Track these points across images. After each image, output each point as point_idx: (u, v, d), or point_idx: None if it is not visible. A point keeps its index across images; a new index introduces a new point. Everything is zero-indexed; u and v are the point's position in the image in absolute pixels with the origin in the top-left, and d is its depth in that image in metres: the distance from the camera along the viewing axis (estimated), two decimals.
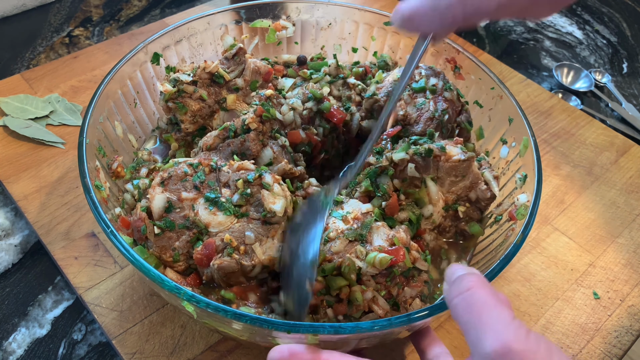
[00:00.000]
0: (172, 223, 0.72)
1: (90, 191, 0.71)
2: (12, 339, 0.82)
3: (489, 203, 0.86)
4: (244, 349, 0.80)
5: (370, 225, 0.73)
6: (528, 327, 0.50)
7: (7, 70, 1.22)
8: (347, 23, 1.10)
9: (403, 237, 0.72)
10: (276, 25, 1.04)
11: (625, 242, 0.99)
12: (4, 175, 0.98)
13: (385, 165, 0.81)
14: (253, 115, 0.82)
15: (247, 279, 0.72)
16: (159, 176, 0.75)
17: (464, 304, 0.52)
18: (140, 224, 0.72)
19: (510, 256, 0.71)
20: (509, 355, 0.47)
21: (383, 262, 0.68)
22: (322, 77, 0.99)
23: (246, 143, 0.81)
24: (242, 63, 0.94)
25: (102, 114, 0.84)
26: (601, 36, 1.53)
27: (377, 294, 0.69)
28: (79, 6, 1.41)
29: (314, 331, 0.60)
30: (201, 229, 0.72)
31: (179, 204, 0.73)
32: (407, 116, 0.90)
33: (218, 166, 0.76)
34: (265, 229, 0.72)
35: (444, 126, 0.90)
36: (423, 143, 0.83)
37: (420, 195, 0.81)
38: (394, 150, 0.84)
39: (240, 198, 0.73)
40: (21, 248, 0.92)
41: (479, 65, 0.97)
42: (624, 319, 0.89)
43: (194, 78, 0.91)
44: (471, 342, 0.51)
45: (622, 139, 1.17)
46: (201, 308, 0.61)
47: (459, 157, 0.81)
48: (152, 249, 0.73)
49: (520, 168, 0.87)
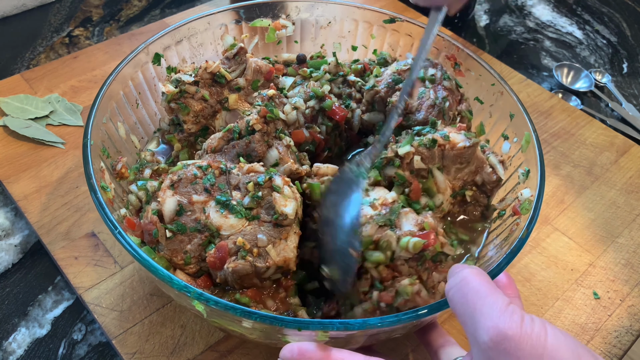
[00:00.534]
0: (183, 226, 0.72)
1: (97, 192, 0.71)
2: (12, 339, 0.82)
3: (495, 186, 0.87)
4: (244, 349, 0.80)
5: (399, 211, 0.73)
6: (523, 311, 0.50)
7: (7, 70, 1.22)
8: (346, 21, 1.10)
9: (432, 221, 0.73)
10: (276, 25, 1.04)
11: (625, 242, 0.99)
12: (4, 175, 0.98)
13: (390, 157, 0.81)
14: (257, 117, 0.82)
15: (261, 280, 0.72)
16: (169, 179, 0.75)
17: (459, 294, 0.53)
18: (151, 227, 0.72)
19: (516, 250, 0.71)
20: (504, 342, 0.47)
21: (417, 246, 0.68)
22: (322, 75, 0.99)
23: (252, 144, 0.81)
24: (243, 62, 0.94)
25: (104, 115, 0.84)
26: (601, 36, 1.53)
27: (422, 287, 0.69)
28: (79, 6, 1.41)
29: (323, 328, 0.60)
30: (213, 232, 0.72)
31: (190, 207, 0.73)
32: (409, 105, 0.90)
33: (228, 169, 0.76)
34: (277, 231, 0.72)
35: (445, 113, 0.90)
36: (426, 133, 0.83)
37: (429, 185, 0.81)
38: (398, 142, 0.84)
39: (252, 201, 0.73)
40: (21, 248, 0.92)
41: (479, 62, 0.97)
42: (624, 319, 0.89)
43: (195, 78, 0.91)
44: (469, 332, 0.51)
45: (622, 139, 1.17)
46: (211, 307, 0.61)
47: (464, 143, 0.81)
48: (163, 252, 0.73)
49: (522, 163, 0.87)
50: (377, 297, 0.68)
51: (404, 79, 0.92)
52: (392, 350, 0.82)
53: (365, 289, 0.69)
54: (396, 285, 0.68)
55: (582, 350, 0.48)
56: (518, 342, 0.47)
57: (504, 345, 0.47)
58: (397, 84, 0.92)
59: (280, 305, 0.72)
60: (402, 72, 0.93)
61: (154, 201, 0.75)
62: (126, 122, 0.91)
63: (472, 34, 1.48)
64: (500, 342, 0.47)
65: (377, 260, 0.68)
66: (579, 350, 0.48)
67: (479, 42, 1.45)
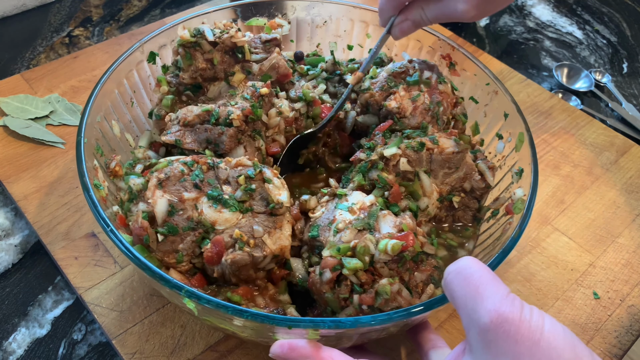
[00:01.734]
0: (175, 228, 0.72)
1: (90, 190, 0.71)
2: (12, 339, 0.82)
3: (485, 192, 0.87)
4: (244, 349, 0.80)
5: (377, 214, 0.74)
6: (523, 301, 0.51)
7: (7, 70, 1.22)
8: (342, 21, 1.10)
9: (410, 222, 0.73)
10: (272, 24, 1.04)
11: (625, 242, 0.99)
12: (4, 175, 0.98)
13: (375, 160, 0.82)
14: (240, 113, 0.82)
15: (256, 270, 0.73)
16: (155, 177, 0.75)
17: (460, 278, 0.54)
18: (142, 232, 0.71)
19: (508, 249, 0.71)
20: (504, 324, 0.49)
21: (395, 248, 0.68)
22: (319, 74, 0.99)
23: (223, 137, 0.82)
24: (269, 52, 0.93)
25: (99, 113, 0.85)
26: (601, 36, 1.53)
27: (402, 286, 0.69)
28: (79, 6, 1.41)
29: (314, 326, 0.60)
30: (207, 227, 0.72)
31: (181, 205, 0.73)
32: (402, 109, 0.90)
33: (215, 163, 0.76)
34: (272, 221, 0.74)
35: (439, 118, 0.90)
36: (416, 136, 0.83)
37: (415, 188, 0.82)
38: (386, 145, 0.84)
39: (244, 194, 0.74)
40: (21, 248, 0.92)
41: (474, 62, 0.97)
42: (624, 319, 0.89)
43: (216, 39, 0.89)
44: (467, 315, 0.52)
45: (622, 139, 1.17)
46: (202, 305, 0.62)
47: (452, 149, 0.82)
48: (155, 254, 0.73)
49: (516, 163, 0.87)
50: (358, 300, 0.68)
51: (399, 83, 0.92)
52: (383, 355, 0.82)
53: (345, 295, 0.69)
54: (375, 286, 0.68)
55: (579, 344, 0.49)
56: (517, 327, 0.48)
57: (503, 328, 0.49)
58: (392, 88, 0.92)
59: (270, 303, 0.73)
60: (398, 74, 0.93)
61: (141, 202, 0.74)
62: (120, 121, 0.91)
63: (472, 34, 1.48)
64: (500, 325, 0.49)
65: (355, 267, 0.68)
66: (575, 342, 0.49)
67: (479, 42, 1.45)
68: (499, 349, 0.49)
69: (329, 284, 0.69)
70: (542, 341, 0.48)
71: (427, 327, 0.73)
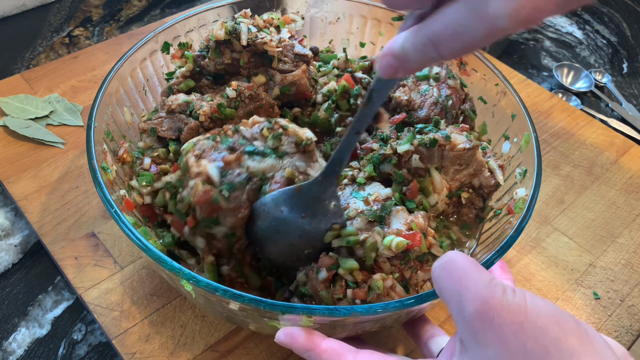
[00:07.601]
0: (233, 184, 0.74)
1: (97, 172, 0.73)
2: (12, 339, 0.82)
3: (493, 190, 0.87)
4: (244, 349, 0.80)
5: (390, 209, 0.74)
6: (506, 284, 0.50)
7: (7, 70, 1.22)
8: (355, 18, 1.11)
9: (421, 222, 0.73)
10: (285, 19, 1.04)
11: (625, 242, 0.99)
12: (4, 175, 0.98)
13: (388, 154, 0.81)
14: (207, 110, 0.84)
15: None
16: (192, 156, 0.76)
17: (445, 272, 0.54)
18: (208, 196, 0.72)
19: (505, 247, 0.71)
20: (487, 311, 0.48)
21: (399, 246, 0.68)
22: (330, 70, 0.99)
23: (184, 127, 0.84)
24: (296, 67, 0.92)
25: (111, 98, 0.86)
26: (601, 36, 1.53)
27: (396, 282, 0.69)
28: (79, 6, 1.41)
29: (308, 312, 0.60)
30: (260, 177, 0.76)
31: (227, 166, 0.75)
32: (411, 102, 0.90)
33: (236, 127, 0.80)
34: (307, 156, 0.78)
35: (448, 112, 0.90)
36: (428, 132, 0.83)
37: (425, 185, 0.82)
38: (399, 140, 0.84)
39: (275, 140, 0.77)
40: (21, 248, 0.92)
41: (484, 62, 0.98)
42: (624, 319, 0.89)
43: (248, 41, 0.89)
44: (455, 309, 0.52)
45: (622, 139, 1.17)
46: (200, 287, 0.62)
47: (464, 145, 0.81)
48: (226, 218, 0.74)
49: (520, 163, 0.87)
50: (352, 294, 0.68)
51: (408, 76, 0.92)
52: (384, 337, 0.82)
53: (339, 296, 0.69)
54: (369, 281, 0.68)
55: (561, 313, 0.49)
56: (500, 311, 0.48)
57: (486, 315, 0.48)
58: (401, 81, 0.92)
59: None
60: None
61: (192, 179, 0.74)
62: (132, 108, 0.93)
63: None
64: (483, 312, 0.48)
65: (351, 268, 0.68)
66: (558, 315, 0.48)
67: None
68: (486, 337, 0.48)
69: (324, 283, 0.69)
70: (525, 322, 0.47)
71: (424, 319, 0.73)
